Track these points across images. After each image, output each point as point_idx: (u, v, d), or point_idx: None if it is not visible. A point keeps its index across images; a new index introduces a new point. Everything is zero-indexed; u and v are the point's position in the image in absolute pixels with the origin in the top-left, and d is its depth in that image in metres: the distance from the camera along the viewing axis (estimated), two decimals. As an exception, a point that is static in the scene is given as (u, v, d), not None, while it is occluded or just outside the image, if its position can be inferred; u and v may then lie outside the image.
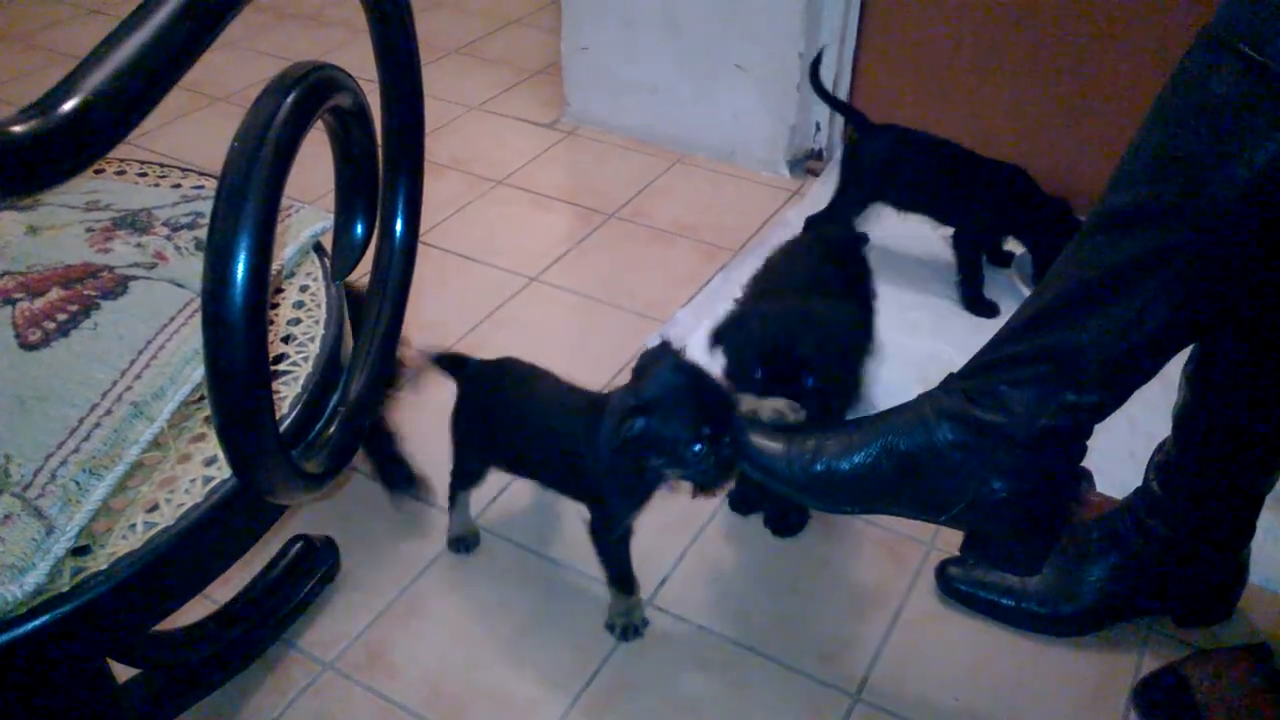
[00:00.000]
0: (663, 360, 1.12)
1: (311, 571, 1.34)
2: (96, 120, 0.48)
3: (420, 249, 2.08)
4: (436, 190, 2.20)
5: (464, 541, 1.41)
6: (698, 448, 1.07)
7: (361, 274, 0.83)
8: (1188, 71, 0.97)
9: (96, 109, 0.48)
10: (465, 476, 1.38)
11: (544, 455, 1.26)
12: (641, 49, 2.29)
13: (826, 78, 2.15)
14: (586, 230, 2.08)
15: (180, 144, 2.36)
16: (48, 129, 0.46)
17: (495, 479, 1.43)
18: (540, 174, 2.29)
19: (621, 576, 1.27)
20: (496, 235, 2.07)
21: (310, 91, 0.62)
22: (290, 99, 0.61)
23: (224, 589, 1.30)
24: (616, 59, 2.34)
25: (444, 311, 1.81)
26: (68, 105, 0.48)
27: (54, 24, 2.99)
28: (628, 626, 1.29)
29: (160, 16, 0.53)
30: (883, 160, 1.84)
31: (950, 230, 1.87)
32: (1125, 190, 1.03)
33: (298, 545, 1.35)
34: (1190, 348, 1.18)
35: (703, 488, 1.15)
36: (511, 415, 1.28)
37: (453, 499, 1.40)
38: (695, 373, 1.11)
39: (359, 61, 0.75)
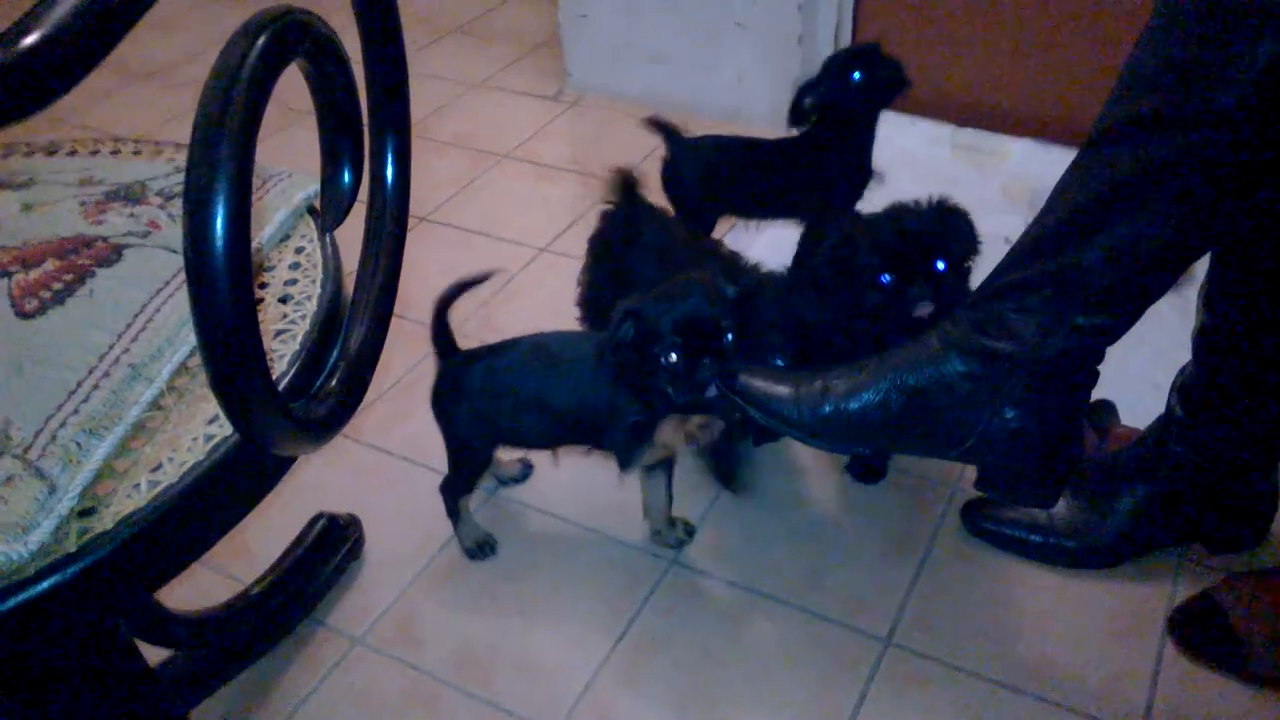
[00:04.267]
0: (692, 280, 1.13)
1: (336, 548, 1.34)
2: (58, 55, 0.48)
3: (428, 227, 2.09)
4: (441, 168, 2.20)
5: (483, 547, 1.36)
6: (673, 357, 1.09)
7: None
8: (1181, -21, 0.95)
9: (58, 44, 0.48)
10: (470, 475, 1.32)
11: (557, 414, 1.24)
12: (640, 14, 2.27)
13: (825, 28, 2.13)
14: (594, 198, 2.06)
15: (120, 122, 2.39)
16: (7, 62, 0.46)
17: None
18: (545, 146, 2.28)
19: (635, 460, 1.24)
20: (504, 209, 2.07)
21: (281, 32, 0.61)
22: (261, 40, 0.60)
23: (250, 569, 1.31)
24: (616, 25, 2.32)
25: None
26: (28, 39, 0.47)
27: None
28: (675, 538, 1.32)
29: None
30: (699, 174, 1.66)
31: None
32: (1124, 104, 1.00)
33: (321, 522, 1.35)
34: (1206, 270, 1.16)
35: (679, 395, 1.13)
36: (529, 383, 1.26)
37: (454, 511, 1.35)
38: (703, 293, 1.11)
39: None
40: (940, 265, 1.23)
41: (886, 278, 1.23)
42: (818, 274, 1.31)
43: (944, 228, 1.24)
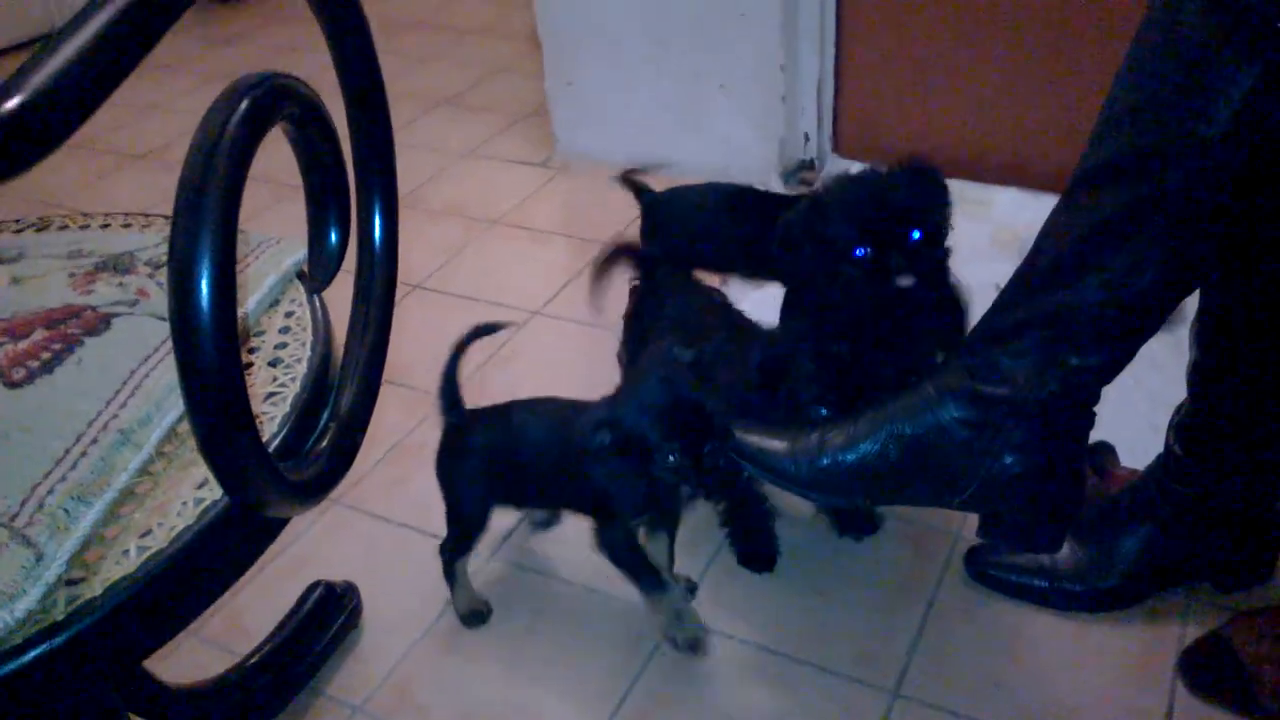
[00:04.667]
0: (648, 367, 1.10)
1: (334, 617, 1.33)
2: (38, 119, 0.48)
3: (421, 294, 2.09)
4: (434, 236, 2.22)
5: (478, 614, 1.34)
6: (671, 459, 1.06)
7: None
8: (1154, 17, 0.96)
9: (38, 108, 0.48)
10: (466, 533, 1.30)
11: (552, 473, 1.24)
12: (625, 81, 2.30)
13: (808, 86, 2.16)
14: (585, 261, 2.07)
15: (116, 203, 2.41)
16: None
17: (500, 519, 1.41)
18: (536, 211, 2.30)
19: (641, 572, 1.22)
20: (496, 274, 2.08)
21: (263, 96, 0.62)
22: (243, 105, 0.61)
23: (246, 643, 1.29)
24: (601, 93, 2.36)
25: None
26: (9, 104, 0.48)
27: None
28: (690, 640, 1.23)
29: (100, 20, 0.53)
30: (672, 226, 1.58)
31: None
32: (1106, 143, 1.01)
33: (318, 591, 1.34)
34: (1197, 308, 1.16)
35: (694, 493, 1.12)
36: (523, 446, 1.26)
37: (450, 572, 1.32)
38: (671, 381, 1.08)
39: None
40: (915, 235, 1.16)
41: (861, 251, 1.17)
42: (784, 243, 1.25)
43: (920, 194, 1.18)
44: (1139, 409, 1.47)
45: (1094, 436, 1.21)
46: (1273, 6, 0.86)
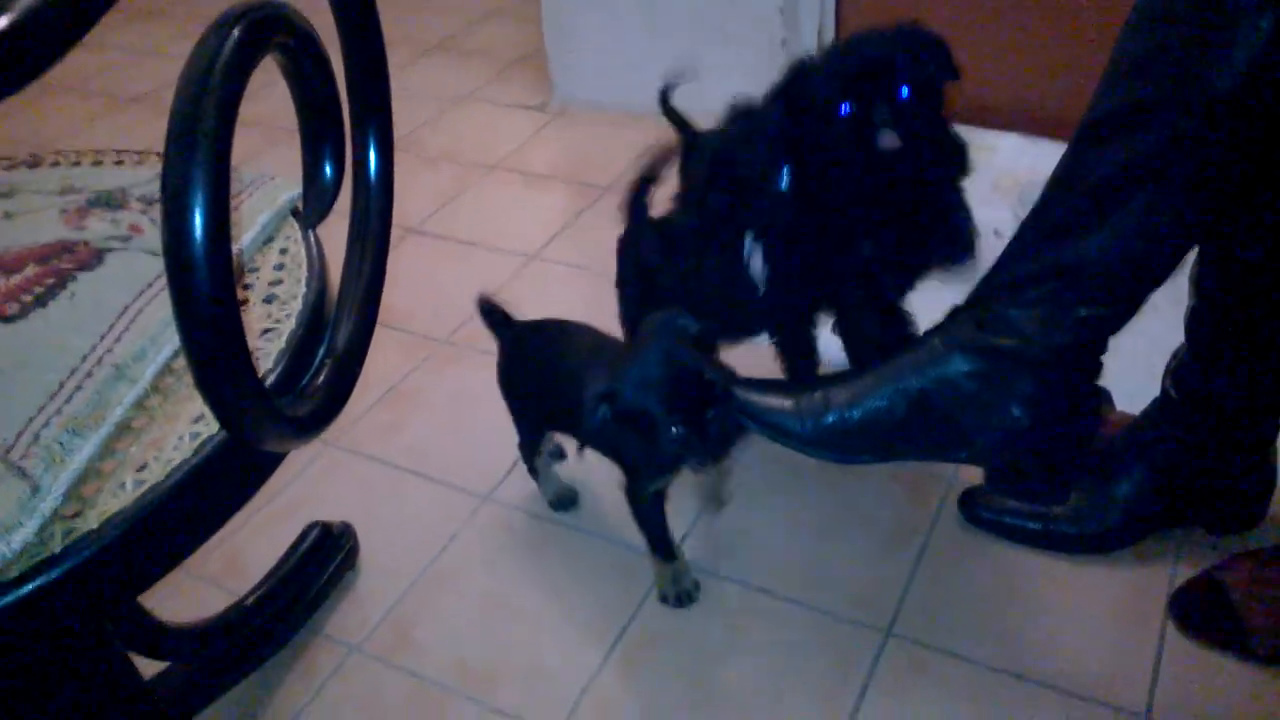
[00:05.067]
0: (650, 336, 1.08)
1: (331, 557, 1.33)
2: (28, 40, 0.48)
3: (417, 239, 2.09)
4: (430, 181, 2.20)
5: (565, 500, 1.40)
6: (674, 431, 1.04)
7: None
8: (1166, -37, 0.95)
9: (28, 28, 0.47)
10: (528, 444, 1.37)
11: (580, 414, 1.24)
12: (622, 26, 2.27)
13: (809, 30, 2.13)
14: (583, 205, 2.06)
15: (107, 146, 2.40)
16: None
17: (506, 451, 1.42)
18: (533, 155, 2.28)
19: (657, 540, 1.24)
20: (494, 219, 2.07)
21: (255, 24, 0.61)
22: (234, 32, 0.60)
23: (244, 582, 1.30)
24: (599, 38, 2.32)
25: (447, 297, 1.80)
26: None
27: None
28: (681, 593, 1.26)
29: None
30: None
31: None
32: (1116, 93, 1.00)
33: (315, 532, 1.34)
34: (1196, 254, 1.16)
35: (700, 464, 1.11)
36: (551, 373, 1.26)
37: (532, 468, 1.39)
38: (673, 353, 1.05)
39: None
40: (904, 91, 1.09)
41: (846, 107, 1.10)
42: (766, 115, 1.18)
43: (910, 50, 1.11)
44: (1136, 353, 1.47)
45: (1091, 381, 1.21)
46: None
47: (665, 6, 2.20)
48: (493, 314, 1.35)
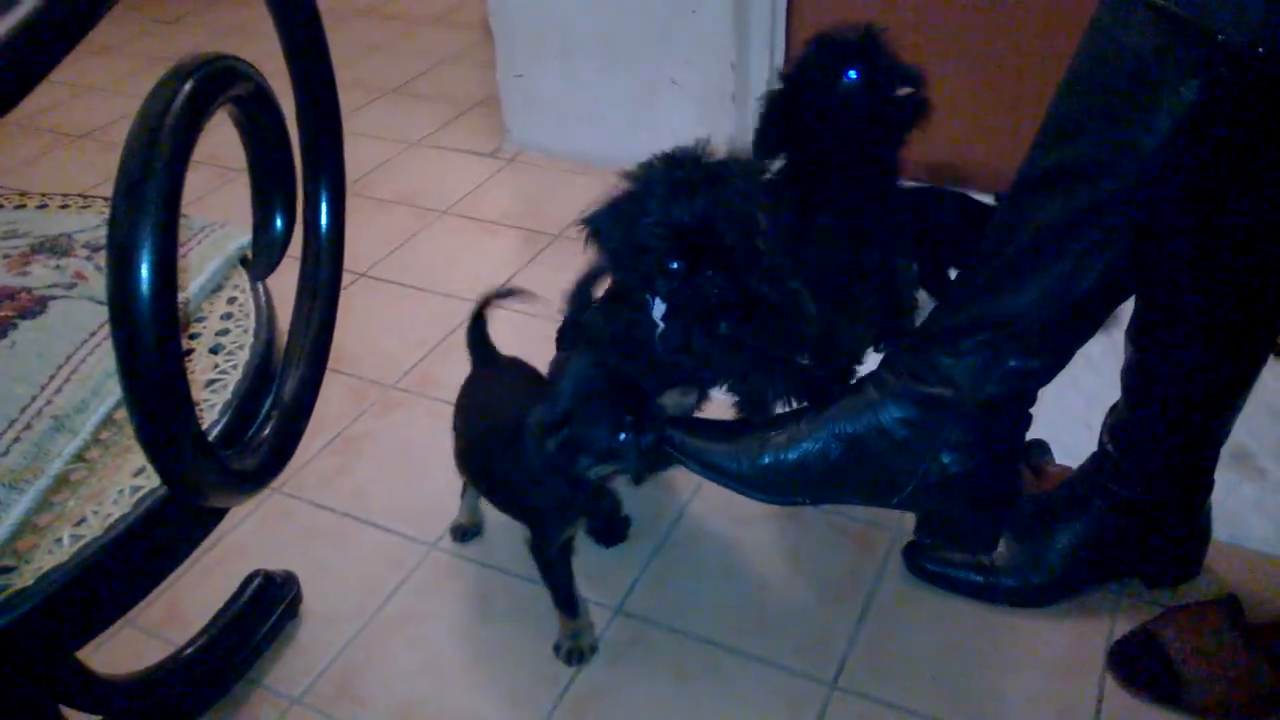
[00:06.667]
0: (571, 363, 1.11)
1: (273, 607, 1.31)
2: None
3: (368, 282, 2.07)
4: (382, 225, 2.19)
5: (462, 530, 1.42)
6: (623, 437, 1.06)
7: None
8: (1099, 27, 0.98)
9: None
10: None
11: (486, 470, 1.25)
12: (576, 73, 2.30)
13: (758, 85, 2.17)
14: (534, 251, 2.07)
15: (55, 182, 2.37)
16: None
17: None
18: (485, 201, 2.28)
19: (563, 599, 1.24)
20: (444, 264, 2.06)
21: (208, 76, 0.61)
22: (188, 85, 0.60)
23: (183, 632, 1.27)
24: (553, 85, 2.34)
25: (397, 342, 1.79)
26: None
27: None
28: (573, 650, 1.25)
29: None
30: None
31: None
32: (1049, 150, 1.03)
33: (257, 581, 1.32)
34: (1133, 310, 1.19)
35: (637, 479, 1.14)
36: (468, 425, 1.27)
37: (464, 491, 1.40)
38: (605, 368, 1.10)
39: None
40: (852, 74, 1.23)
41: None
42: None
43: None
44: (1074, 408, 1.51)
45: (1031, 434, 1.24)
46: (1215, 20, 0.88)
47: (619, 55, 2.23)
48: (480, 344, 1.39)
